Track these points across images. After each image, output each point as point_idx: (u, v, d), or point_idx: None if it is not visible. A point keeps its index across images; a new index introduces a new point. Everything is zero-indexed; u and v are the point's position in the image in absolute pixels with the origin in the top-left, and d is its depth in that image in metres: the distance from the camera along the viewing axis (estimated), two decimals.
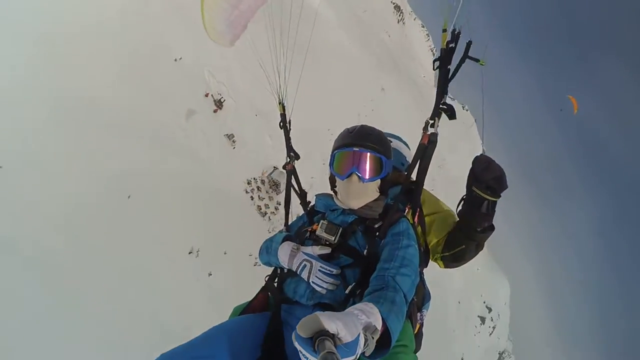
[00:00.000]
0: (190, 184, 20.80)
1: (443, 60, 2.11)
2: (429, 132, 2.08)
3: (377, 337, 1.12)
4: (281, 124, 2.65)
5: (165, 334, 15.93)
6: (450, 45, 2.09)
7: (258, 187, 29.62)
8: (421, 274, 2.28)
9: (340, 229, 1.86)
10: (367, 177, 1.95)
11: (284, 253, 1.90)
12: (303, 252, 1.85)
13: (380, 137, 2.07)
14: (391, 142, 2.45)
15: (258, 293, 2.07)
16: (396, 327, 1.30)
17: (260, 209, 29.09)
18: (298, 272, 1.82)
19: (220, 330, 1.64)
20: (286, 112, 2.68)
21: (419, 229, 2.23)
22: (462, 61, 2.12)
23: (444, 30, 2.13)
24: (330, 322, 0.96)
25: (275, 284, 2.09)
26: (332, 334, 0.95)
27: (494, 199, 1.99)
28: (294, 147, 2.67)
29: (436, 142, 2.09)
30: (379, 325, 1.16)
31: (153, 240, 17.22)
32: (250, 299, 2.11)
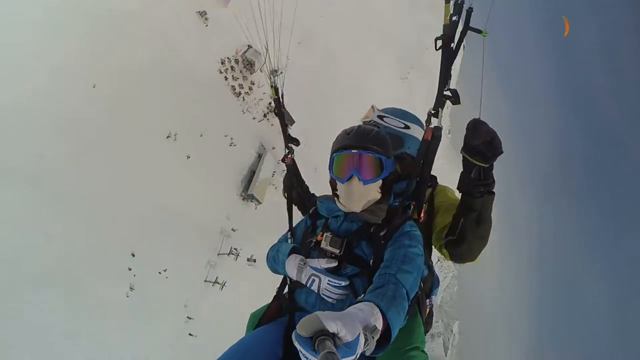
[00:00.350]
0: (160, 65, 20.19)
1: (447, 38, 1.92)
2: (432, 126, 1.97)
3: (377, 336, 1.12)
4: (275, 110, 2.50)
5: (153, 213, 17.48)
6: (454, 19, 1.92)
7: (232, 67, 28.95)
8: (429, 261, 2.21)
9: (345, 241, 1.87)
10: (367, 178, 1.92)
11: (292, 267, 1.91)
12: (310, 267, 1.86)
13: (379, 136, 2.00)
14: (408, 127, 2.41)
15: (272, 302, 2.12)
16: (396, 322, 1.31)
17: (235, 89, 28.92)
18: (308, 286, 1.85)
19: (237, 351, 1.74)
20: (280, 96, 2.47)
21: (425, 217, 2.17)
22: (463, 34, 1.94)
23: (447, 1, 1.94)
24: (331, 321, 0.96)
25: (287, 291, 2.11)
26: (333, 334, 0.95)
27: (485, 165, 1.87)
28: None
29: (441, 137, 1.98)
30: (379, 324, 1.16)
31: (129, 127, 17.36)
32: (225, 179, 2.66)
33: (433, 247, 2.21)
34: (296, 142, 2.48)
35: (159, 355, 15.84)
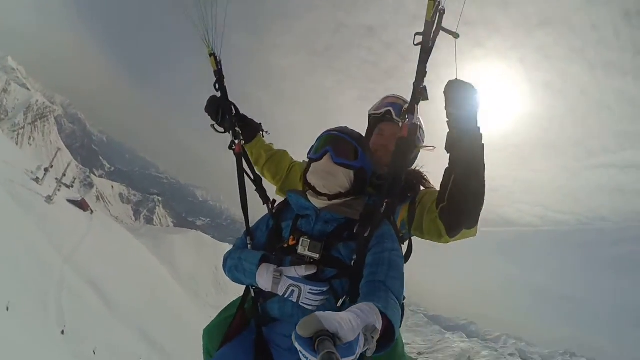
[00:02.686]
0: None
1: (426, 35, 1.80)
2: (407, 122, 1.87)
3: (377, 336, 1.08)
4: (216, 85, 2.27)
5: None
6: (434, 19, 1.79)
7: None
8: None
9: (323, 243, 1.72)
10: (338, 156, 1.84)
11: (266, 280, 1.72)
12: (287, 277, 1.69)
13: (362, 137, 2.02)
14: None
15: (236, 314, 1.97)
16: (396, 320, 1.29)
17: None
18: (286, 297, 1.69)
19: None
20: (221, 67, 2.28)
21: (405, 214, 2.11)
22: (436, 34, 1.80)
23: None
24: (330, 321, 0.93)
25: (252, 303, 1.96)
26: (332, 334, 0.92)
27: (460, 113, 1.75)
28: None
29: (416, 133, 1.95)
30: (379, 325, 1.11)
31: None
32: None
33: (429, 235, 2.08)
34: (246, 121, 2.34)
35: None
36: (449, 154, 1.84)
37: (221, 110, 2.26)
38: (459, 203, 1.83)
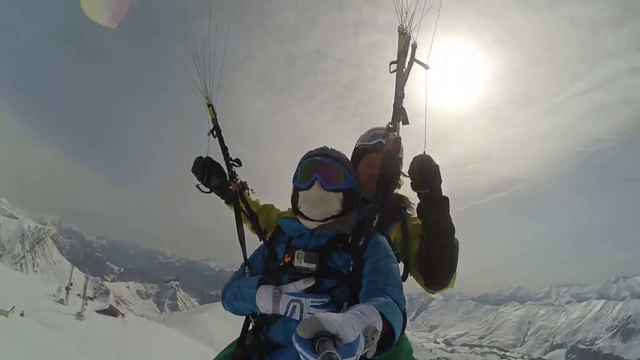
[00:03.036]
0: None
1: (399, 64, 2.07)
2: (391, 138, 2.04)
3: (377, 338, 1.09)
4: (214, 132, 2.34)
5: None
6: (406, 49, 2.06)
7: None
8: None
9: (319, 254, 1.73)
10: (329, 183, 1.84)
11: (266, 300, 1.71)
12: (287, 294, 1.68)
13: (343, 155, 2.04)
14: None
15: (235, 350, 1.93)
16: (397, 323, 1.29)
17: None
18: (288, 315, 1.68)
19: None
20: (217, 116, 2.35)
21: (398, 234, 2.24)
22: (410, 64, 2.07)
23: (402, 33, 2.06)
24: (331, 322, 0.94)
25: (251, 332, 1.96)
26: (333, 335, 0.93)
27: (424, 191, 1.97)
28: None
29: (399, 146, 2.17)
30: (379, 326, 1.12)
31: None
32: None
33: (410, 274, 2.20)
34: (237, 162, 2.33)
35: None
36: (421, 221, 2.06)
37: (206, 170, 2.35)
38: (433, 264, 2.02)
